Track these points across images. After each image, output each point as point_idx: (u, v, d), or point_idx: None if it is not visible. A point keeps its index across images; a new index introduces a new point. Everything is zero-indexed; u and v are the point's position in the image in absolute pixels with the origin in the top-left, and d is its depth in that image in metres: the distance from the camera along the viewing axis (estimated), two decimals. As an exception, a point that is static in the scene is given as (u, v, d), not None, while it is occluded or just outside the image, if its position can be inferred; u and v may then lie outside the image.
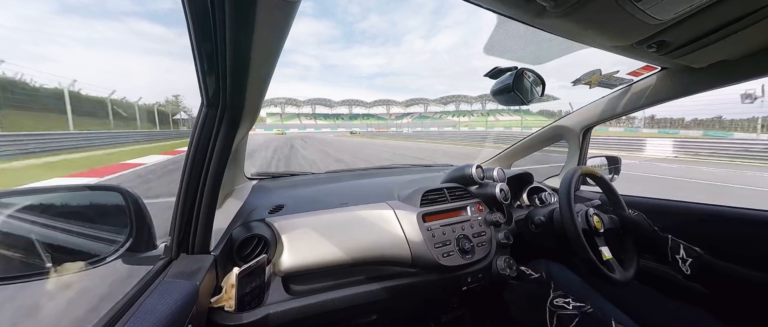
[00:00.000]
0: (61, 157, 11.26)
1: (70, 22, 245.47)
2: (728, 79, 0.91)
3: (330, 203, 1.10)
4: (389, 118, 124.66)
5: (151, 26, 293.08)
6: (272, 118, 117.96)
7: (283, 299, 0.85)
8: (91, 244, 0.63)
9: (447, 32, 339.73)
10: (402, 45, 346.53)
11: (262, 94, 0.78)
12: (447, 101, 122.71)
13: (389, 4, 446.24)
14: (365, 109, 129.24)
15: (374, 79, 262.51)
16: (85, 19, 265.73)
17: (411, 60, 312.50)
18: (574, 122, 1.50)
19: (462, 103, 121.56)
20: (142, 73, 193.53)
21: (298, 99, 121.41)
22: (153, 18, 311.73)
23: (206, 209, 0.71)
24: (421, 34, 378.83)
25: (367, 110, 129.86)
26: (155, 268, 0.68)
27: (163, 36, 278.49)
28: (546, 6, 0.58)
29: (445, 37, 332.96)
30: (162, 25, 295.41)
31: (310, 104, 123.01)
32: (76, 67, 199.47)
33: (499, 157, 1.88)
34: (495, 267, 1.09)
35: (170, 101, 62.00)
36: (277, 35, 0.57)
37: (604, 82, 1.14)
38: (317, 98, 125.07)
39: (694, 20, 0.65)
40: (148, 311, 0.51)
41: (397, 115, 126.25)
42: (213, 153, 0.69)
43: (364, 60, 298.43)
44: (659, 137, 22.19)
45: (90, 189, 0.68)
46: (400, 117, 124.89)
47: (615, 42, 0.76)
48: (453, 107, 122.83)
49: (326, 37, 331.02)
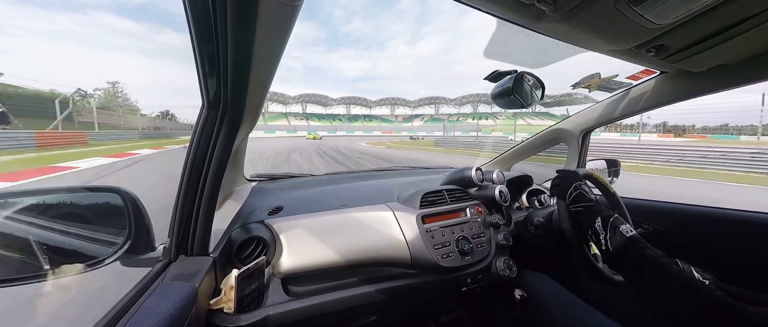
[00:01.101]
0: None
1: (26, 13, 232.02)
2: (727, 83, 0.92)
3: (329, 205, 1.10)
4: (395, 121, 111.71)
5: (118, 20, 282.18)
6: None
7: (283, 301, 0.85)
8: (90, 246, 0.62)
9: (430, 39, 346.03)
10: (386, 49, 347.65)
11: (262, 96, 0.78)
12: (462, 102, 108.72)
13: (373, 9, 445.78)
14: (366, 109, 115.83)
15: (358, 83, 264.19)
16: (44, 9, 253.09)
17: (395, 65, 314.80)
18: (574, 125, 1.50)
19: (481, 105, 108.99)
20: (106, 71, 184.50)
21: (286, 94, 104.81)
22: (121, 12, 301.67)
23: (205, 211, 0.71)
24: (405, 40, 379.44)
25: (369, 111, 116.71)
26: (154, 270, 0.68)
27: (133, 31, 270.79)
28: (545, 10, 0.59)
29: (428, 43, 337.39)
30: (131, 20, 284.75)
31: (300, 102, 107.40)
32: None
33: (499, 160, 1.88)
34: (494, 268, 1.09)
35: (107, 92, 51.19)
36: (278, 37, 0.57)
37: (604, 85, 1.14)
38: (309, 94, 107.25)
39: (692, 24, 0.65)
40: (147, 313, 0.51)
41: (404, 116, 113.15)
42: (213, 154, 0.69)
43: (348, 63, 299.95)
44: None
45: (88, 190, 0.68)
46: (408, 119, 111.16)
47: (614, 46, 0.76)
48: (470, 109, 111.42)
49: (310, 39, 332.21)
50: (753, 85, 0.90)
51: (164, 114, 65.04)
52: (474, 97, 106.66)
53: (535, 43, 0.82)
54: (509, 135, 35.77)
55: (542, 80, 0.93)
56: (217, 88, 0.63)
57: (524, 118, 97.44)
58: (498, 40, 0.83)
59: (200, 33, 0.53)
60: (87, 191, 0.68)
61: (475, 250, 1.07)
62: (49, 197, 0.66)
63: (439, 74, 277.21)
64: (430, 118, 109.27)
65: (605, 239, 0.75)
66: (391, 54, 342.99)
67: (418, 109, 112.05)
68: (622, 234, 0.73)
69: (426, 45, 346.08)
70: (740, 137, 59.69)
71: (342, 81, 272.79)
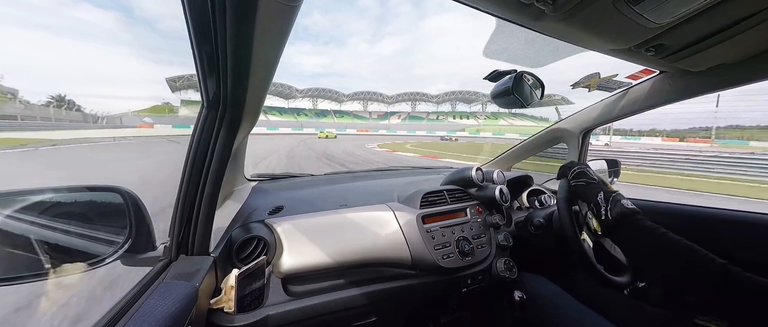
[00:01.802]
0: None
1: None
2: (727, 83, 0.92)
3: (330, 205, 1.10)
4: (370, 117, 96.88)
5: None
6: (190, 108, 79.58)
7: (283, 301, 0.85)
8: (91, 245, 0.62)
9: (390, 39, 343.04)
10: (346, 46, 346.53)
11: (262, 95, 0.79)
12: (443, 100, 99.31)
13: (333, 4, 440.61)
14: (337, 103, 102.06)
15: (318, 79, 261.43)
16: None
17: (355, 63, 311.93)
18: (574, 125, 1.51)
19: (459, 104, 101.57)
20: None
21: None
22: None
23: (206, 210, 0.71)
24: (365, 38, 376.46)
25: (340, 106, 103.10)
26: (155, 269, 0.68)
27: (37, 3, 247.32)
28: (544, 10, 0.59)
29: (389, 44, 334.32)
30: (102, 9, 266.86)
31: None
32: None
33: (499, 160, 1.88)
34: (495, 269, 1.09)
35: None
36: (277, 37, 0.58)
37: (603, 85, 1.14)
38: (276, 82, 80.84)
39: (692, 24, 0.65)
40: (148, 313, 0.51)
41: (379, 113, 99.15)
42: (213, 154, 0.69)
43: (307, 58, 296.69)
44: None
45: (89, 190, 0.68)
46: (384, 116, 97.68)
47: (613, 45, 0.76)
48: (449, 107, 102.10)
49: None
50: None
51: (58, 101, 54.14)
52: (454, 95, 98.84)
53: (534, 42, 0.83)
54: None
55: (542, 79, 0.93)
56: (216, 88, 0.64)
57: (506, 119, 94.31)
58: (497, 39, 0.83)
59: (200, 33, 0.53)
60: (87, 190, 0.68)
61: (476, 250, 1.07)
62: (50, 196, 0.66)
63: (399, 75, 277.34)
64: (408, 116, 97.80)
65: (605, 210, 0.79)
66: (351, 51, 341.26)
67: (393, 105, 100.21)
68: (623, 206, 0.77)
69: (387, 45, 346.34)
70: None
71: (300, 75, 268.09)
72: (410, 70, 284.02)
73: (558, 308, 1.06)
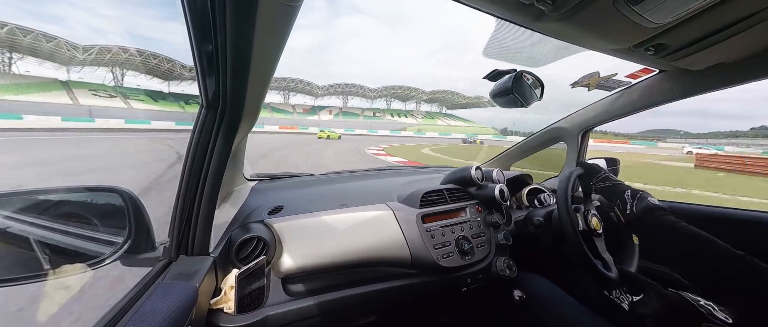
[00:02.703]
0: None
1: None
2: (726, 82, 0.92)
3: (329, 204, 1.10)
4: (294, 112, 76.51)
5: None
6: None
7: (283, 301, 0.85)
8: (90, 246, 0.62)
9: (305, 32, 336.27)
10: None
11: (262, 95, 0.78)
12: (375, 96, 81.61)
13: None
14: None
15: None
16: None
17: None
18: (573, 124, 1.51)
19: (395, 101, 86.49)
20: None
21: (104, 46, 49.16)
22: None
23: (205, 210, 0.71)
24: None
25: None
26: (154, 269, 0.68)
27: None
28: (544, 10, 0.59)
29: (303, 37, 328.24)
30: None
31: (144, 71, 55.28)
32: None
33: (498, 159, 1.88)
34: (494, 268, 1.09)
35: None
36: (277, 37, 0.57)
37: (603, 84, 1.14)
38: (152, 54, 54.91)
39: (691, 23, 0.65)
40: (148, 313, 0.51)
41: (305, 108, 79.74)
42: (212, 154, 0.69)
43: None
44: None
45: (88, 190, 0.68)
46: (312, 111, 78.38)
47: (613, 45, 0.76)
48: (384, 104, 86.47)
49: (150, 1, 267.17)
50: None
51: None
52: (392, 90, 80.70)
53: (534, 42, 0.83)
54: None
55: (542, 79, 0.93)
56: (216, 88, 0.63)
57: (442, 119, 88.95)
58: (497, 39, 0.83)
59: (199, 33, 0.53)
60: (86, 191, 0.68)
61: (476, 249, 1.07)
62: (49, 197, 0.66)
63: (315, 70, 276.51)
64: (341, 112, 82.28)
65: (631, 205, 0.89)
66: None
67: (322, 99, 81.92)
68: (650, 202, 0.87)
69: (301, 38, 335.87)
70: (658, 144, 64.55)
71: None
72: (326, 66, 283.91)
73: (557, 307, 1.06)
